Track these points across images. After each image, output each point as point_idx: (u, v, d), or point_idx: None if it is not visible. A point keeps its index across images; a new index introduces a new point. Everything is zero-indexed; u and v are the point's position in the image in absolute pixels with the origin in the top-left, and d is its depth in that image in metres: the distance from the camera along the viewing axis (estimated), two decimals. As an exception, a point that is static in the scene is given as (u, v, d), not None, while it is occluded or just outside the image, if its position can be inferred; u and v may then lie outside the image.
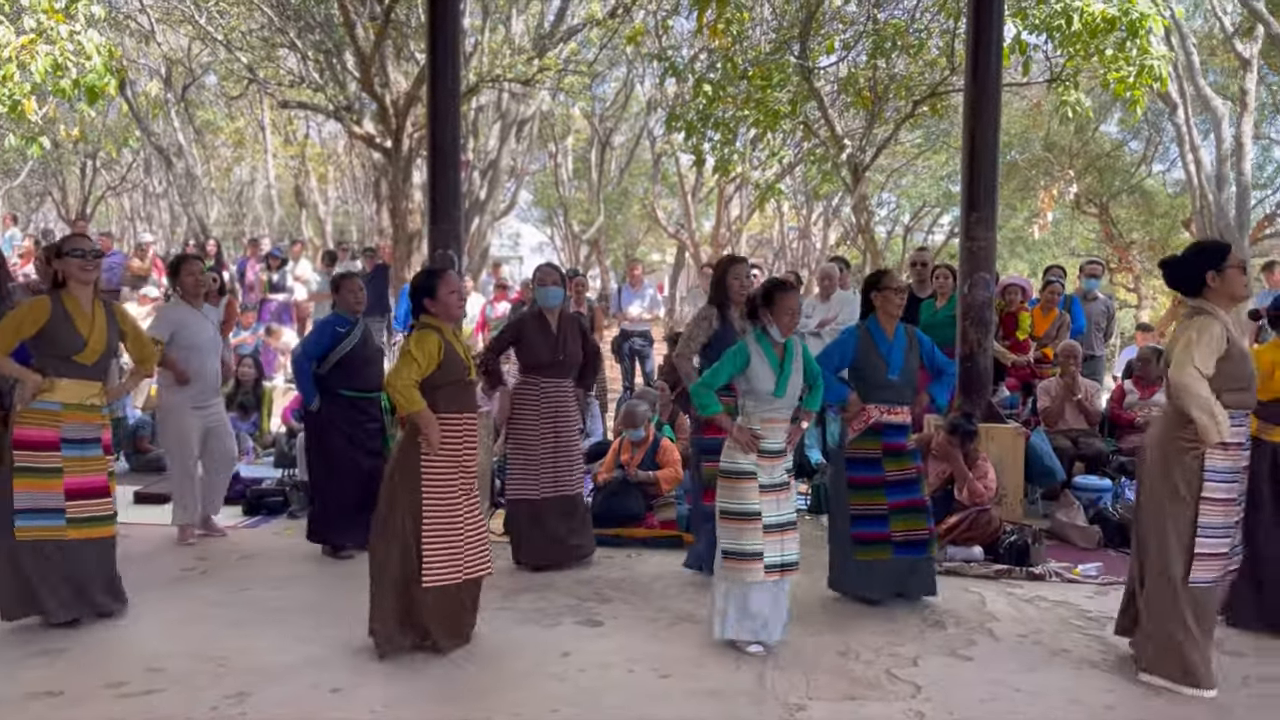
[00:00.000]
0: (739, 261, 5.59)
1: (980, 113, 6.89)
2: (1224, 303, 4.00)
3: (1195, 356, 3.87)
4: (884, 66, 11.99)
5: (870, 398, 5.07)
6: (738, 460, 4.44)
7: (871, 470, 5.08)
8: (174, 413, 6.17)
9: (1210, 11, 16.95)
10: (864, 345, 5.10)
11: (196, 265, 6.31)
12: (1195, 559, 3.95)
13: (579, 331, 5.91)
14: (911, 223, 27.17)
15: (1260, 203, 20.85)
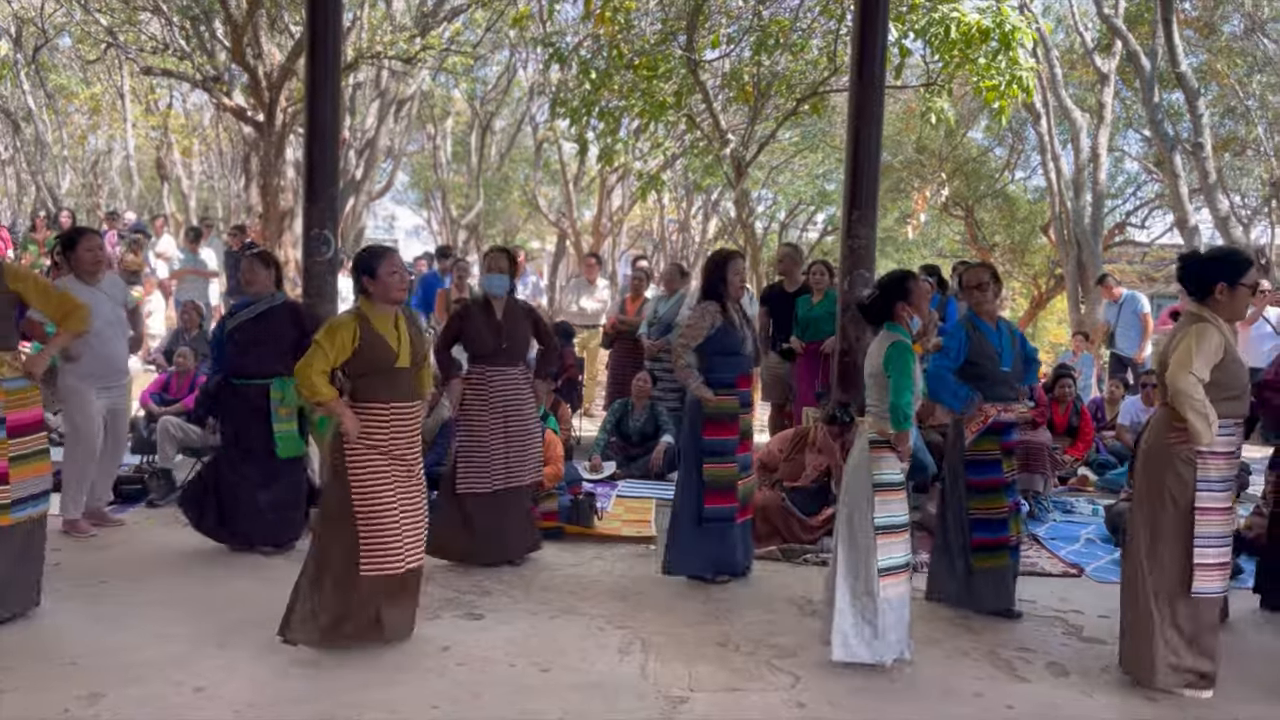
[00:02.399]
0: (736, 256, 5.48)
1: (864, 112, 7.02)
2: (1225, 316, 3.98)
3: (1194, 362, 3.87)
4: (767, 63, 12.13)
5: (988, 395, 4.87)
6: (897, 470, 4.23)
7: (992, 472, 4.89)
8: (77, 395, 5.71)
9: (1072, 27, 17.80)
10: (976, 339, 4.89)
11: (95, 240, 5.80)
12: (1196, 569, 3.93)
13: (528, 319, 5.66)
14: (787, 219, 27.69)
15: (1112, 211, 22.03)
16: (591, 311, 10.49)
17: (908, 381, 4.16)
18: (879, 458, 4.21)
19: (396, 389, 4.26)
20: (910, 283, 4.38)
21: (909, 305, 4.34)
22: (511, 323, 5.57)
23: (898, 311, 4.35)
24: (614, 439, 8.26)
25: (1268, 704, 4.01)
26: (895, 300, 4.35)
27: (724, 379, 5.29)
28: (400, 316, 4.32)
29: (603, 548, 6.04)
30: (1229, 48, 17.32)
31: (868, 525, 4.17)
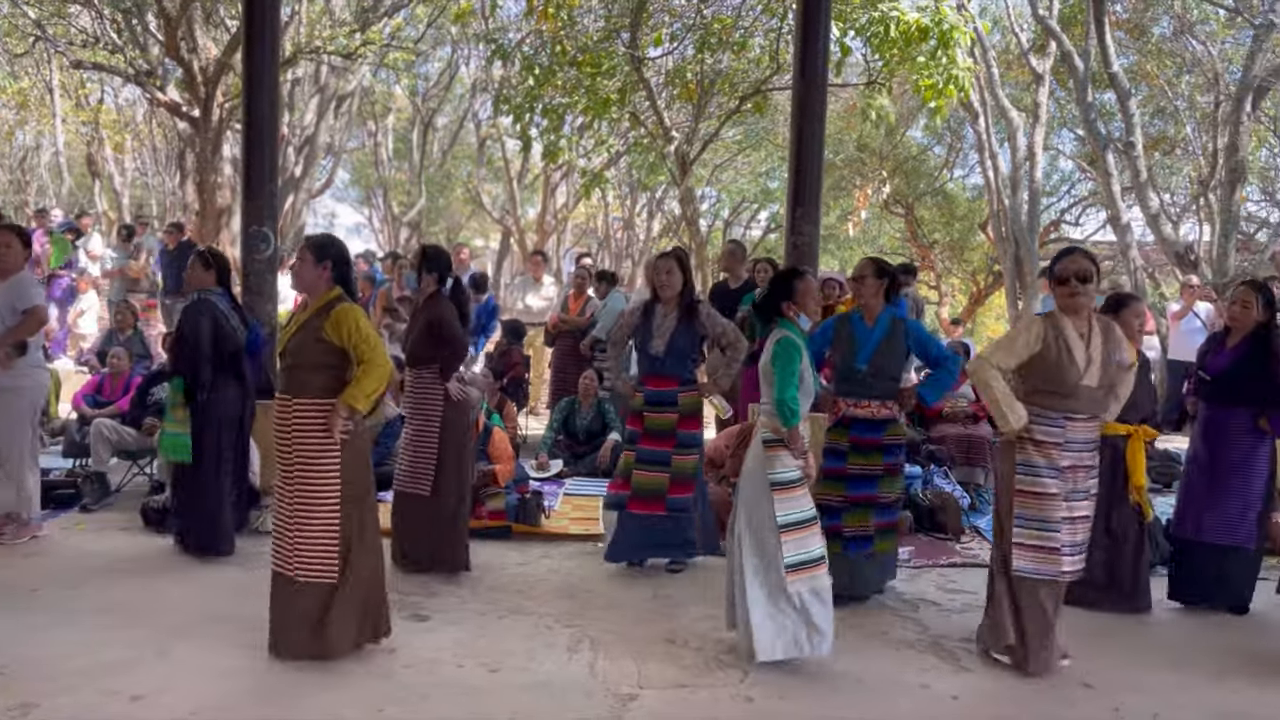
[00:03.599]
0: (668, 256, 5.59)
1: (807, 110, 7.08)
2: (1063, 310, 4.11)
3: (995, 354, 4.10)
4: (710, 61, 12.18)
5: (840, 391, 5.00)
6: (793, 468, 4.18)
7: (835, 461, 5.01)
8: None
9: (1008, 28, 18.11)
10: (842, 335, 5.02)
11: (7, 235, 5.62)
12: (1013, 547, 4.14)
13: (423, 318, 5.42)
14: (731, 217, 27.83)
15: (1048, 208, 22.46)
16: (538, 309, 10.46)
17: (792, 378, 4.15)
18: (774, 456, 4.16)
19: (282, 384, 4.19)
20: (796, 281, 4.41)
21: (793, 304, 4.37)
22: (414, 323, 5.48)
23: (784, 310, 4.37)
24: (561, 437, 8.23)
25: (1163, 690, 4.13)
26: (781, 299, 4.39)
27: (638, 374, 5.57)
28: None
29: (550, 546, 6.01)
30: (1159, 49, 17.75)
31: (772, 525, 4.11)
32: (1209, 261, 13.55)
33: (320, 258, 4.14)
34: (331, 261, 4.15)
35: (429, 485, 5.30)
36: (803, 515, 4.15)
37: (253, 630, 4.23)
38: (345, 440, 4.01)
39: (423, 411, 5.35)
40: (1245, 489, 4.98)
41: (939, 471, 7.09)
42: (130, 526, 6.10)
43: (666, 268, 5.45)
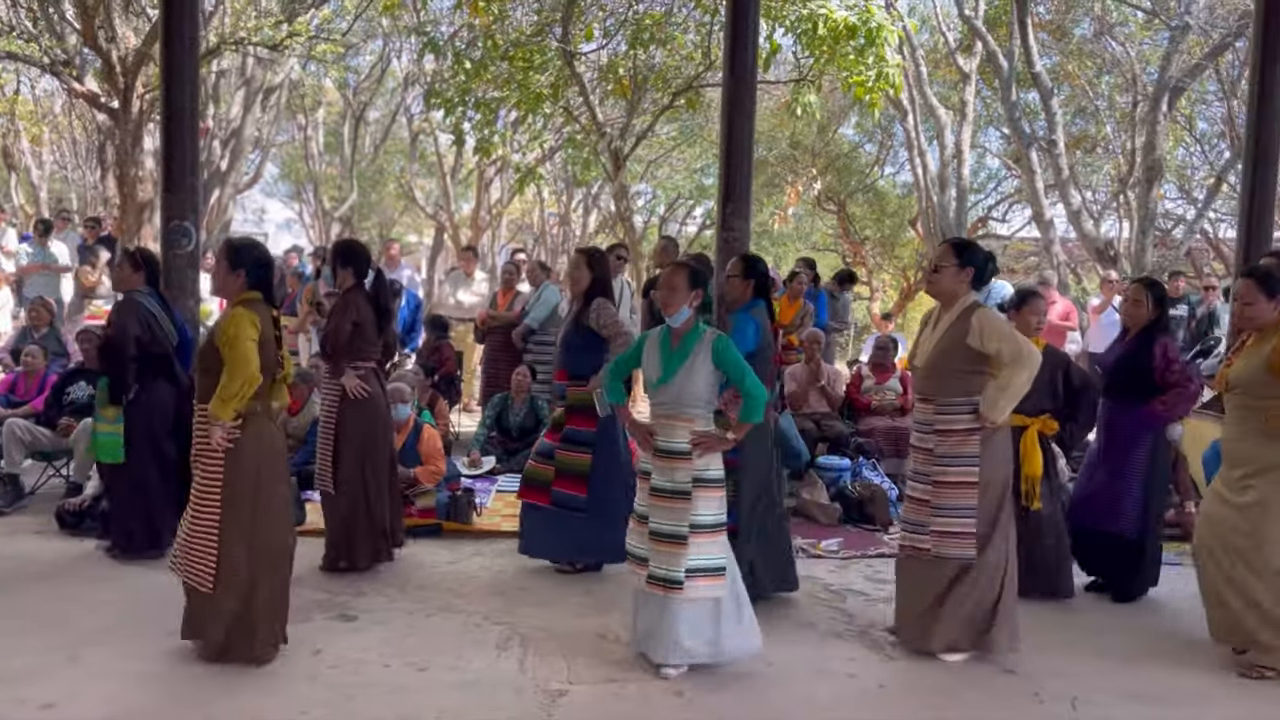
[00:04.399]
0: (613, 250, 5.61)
1: (737, 107, 7.11)
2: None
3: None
4: (643, 57, 12.18)
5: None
6: (718, 466, 4.11)
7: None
8: None
9: (936, 27, 18.42)
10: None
11: None
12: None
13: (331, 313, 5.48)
14: (667, 213, 27.89)
15: (975, 205, 22.90)
16: (469, 305, 10.37)
17: (622, 357, 4.20)
18: (718, 450, 4.07)
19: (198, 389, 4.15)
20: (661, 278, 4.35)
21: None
22: (330, 319, 5.45)
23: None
24: (494, 434, 8.17)
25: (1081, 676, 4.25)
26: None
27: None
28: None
29: (482, 544, 5.97)
30: (1080, 50, 18.19)
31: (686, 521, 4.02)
32: (1128, 257, 13.94)
33: (235, 264, 4.07)
34: (246, 268, 4.08)
35: (331, 482, 5.31)
36: (715, 520, 4.05)
37: (174, 634, 4.13)
38: (230, 447, 3.92)
39: (327, 408, 5.37)
40: (1130, 479, 5.06)
41: (867, 464, 7.19)
42: (45, 530, 5.92)
43: (576, 263, 5.51)
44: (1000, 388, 4.13)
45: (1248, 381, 4.18)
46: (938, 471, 4.25)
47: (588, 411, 5.28)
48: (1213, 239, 19.12)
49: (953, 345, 4.20)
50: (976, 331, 4.14)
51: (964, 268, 4.25)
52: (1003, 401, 4.14)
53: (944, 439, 4.23)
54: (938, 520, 4.25)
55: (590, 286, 5.37)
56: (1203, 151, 19.89)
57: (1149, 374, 5.02)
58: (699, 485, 4.01)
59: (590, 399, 5.25)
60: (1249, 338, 4.29)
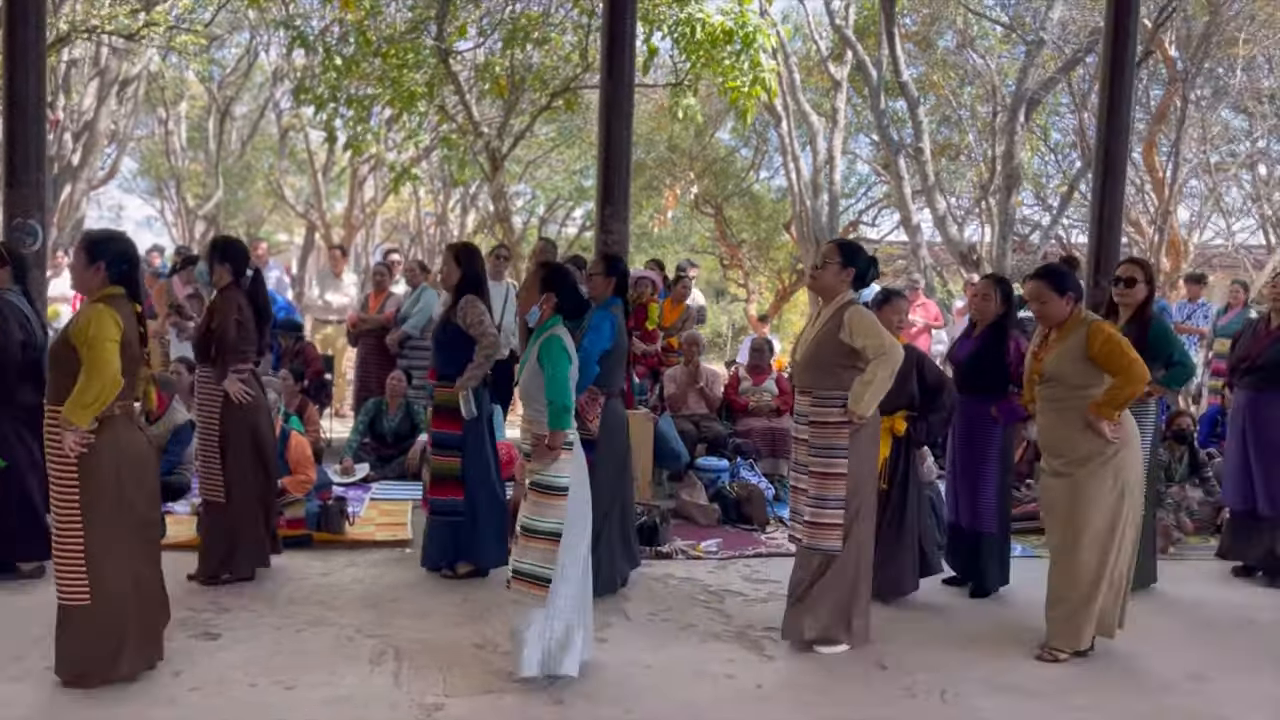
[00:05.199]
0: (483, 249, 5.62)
1: (615, 109, 7.11)
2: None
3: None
4: (520, 57, 12.07)
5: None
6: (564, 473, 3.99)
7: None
8: None
9: (808, 35, 18.84)
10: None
11: None
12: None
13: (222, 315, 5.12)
14: (546, 214, 27.76)
15: (847, 210, 23.51)
16: (338, 306, 10.07)
17: (567, 379, 4.04)
18: (551, 458, 3.96)
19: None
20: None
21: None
22: (206, 319, 5.22)
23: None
24: (367, 440, 7.96)
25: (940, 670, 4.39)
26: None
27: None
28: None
29: (355, 554, 5.79)
30: (944, 61, 18.88)
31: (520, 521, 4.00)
32: (990, 261, 14.51)
33: (92, 258, 3.82)
34: (106, 261, 3.83)
35: (223, 492, 5.08)
36: (549, 528, 3.92)
37: (30, 657, 3.87)
38: (84, 454, 3.69)
39: (207, 413, 5.12)
40: (986, 474, 5.23)
41: (745, 464, 7.28)
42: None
43: (445, 259, 5.42)
44: (865, 383, 4.26)
45: (1060, 373, 4.37)
46: (814, 462, 4.38)
47: (453, 413, 5.18)
48: (1066, 244, 20.07)
49: (827, 339, 4.35)
50: (847, 326, 4.28)
51: (846, 267, 4.40)
52: (867, 396, 4.26)
53: (819, 431, 4.36)
54: (810, 510, 4.38)
55: (460, 283, 5.27)
56: (1056, 161, 20.89)
57: (1003, 369, 5.20)
58: (535, 489, 3.97)
59: (453, 400, 5.16)
60: (1051, 332, 4.50)
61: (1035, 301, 4.46)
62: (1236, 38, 16.24)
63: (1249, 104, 17.74)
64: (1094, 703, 4.01)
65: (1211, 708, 4.01)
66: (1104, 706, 3.98)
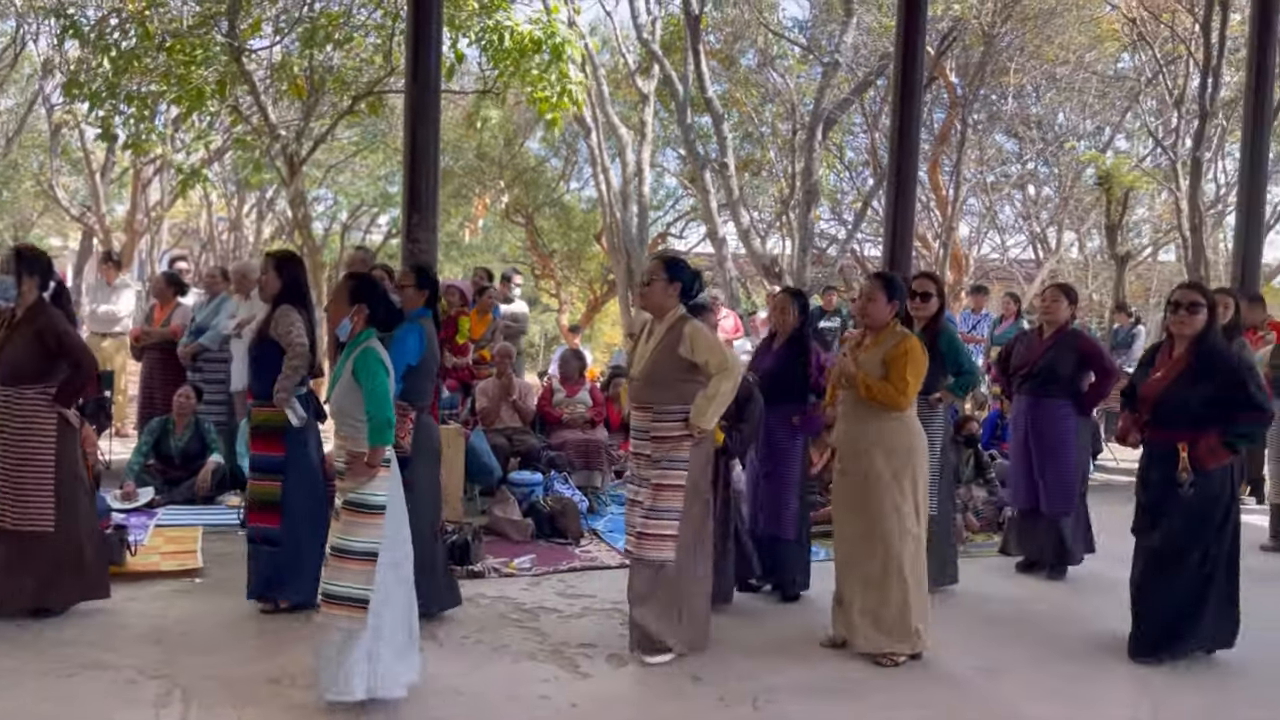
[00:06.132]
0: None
1: (421, 115, 6.91)
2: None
3: None
4: (320, 57, 11.59)
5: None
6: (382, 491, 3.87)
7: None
8: None
9: (616, 48, 19.05)
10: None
11: None
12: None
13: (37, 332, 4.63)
14: (349, 221, 26.87)
15: (655, 221, 23.90)
16: (113, 317, 9.33)
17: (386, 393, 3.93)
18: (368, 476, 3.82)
19: None
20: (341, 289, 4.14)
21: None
22: (12, 335, 4.67)
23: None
24: (152, 461, 7.39)
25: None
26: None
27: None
28: None
29: (137, 587, 5.32)
30: (746, 79, 19.52)
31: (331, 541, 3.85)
32: (791, 273, 15.05)
33: None
34: None
35: (50, 521, 4.64)
36: (363, 547, 3.77)
37: None
38: None
39: (29, 437, 4.63)
40: (788, 482, 5.39)
41: (559, 477, 7.21)
42: None
43: (264, 268, 5.08)
44: (708, 397, 4.32)
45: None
46: (655, 475, 4.41)
47: (273, 434, 4.87)
48: (860, 258, 21.13)
49: (665, 355, 4.39)
50: (687, 342, 4.34)
51: (672, 281, 4.45)
52: (710, 409, 4.34)
53: (660, 444, 4.41)
54: (643, 522, 4.41)
55: (280, 294, 4.95)
56: (851, 178, 21.99)
57: (803, 380, 5.36)
58: (349, 508, 3.81)
59: (277, 419, 4.84)
60: (864, 336, 4.69)
61: (865, 298, 4.65)
62: (1008, 67, 17.56)
63: (1019, 129, 19.22)
64: (895, 700, 4.16)
65: (1004, 700, 4.23)
66: (905, 703, 4.14)
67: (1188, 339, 4.56)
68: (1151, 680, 4.45)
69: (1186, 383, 4.50)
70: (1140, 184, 16.64)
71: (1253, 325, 8.23)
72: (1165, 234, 20.06)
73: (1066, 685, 4.39)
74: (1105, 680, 4.47)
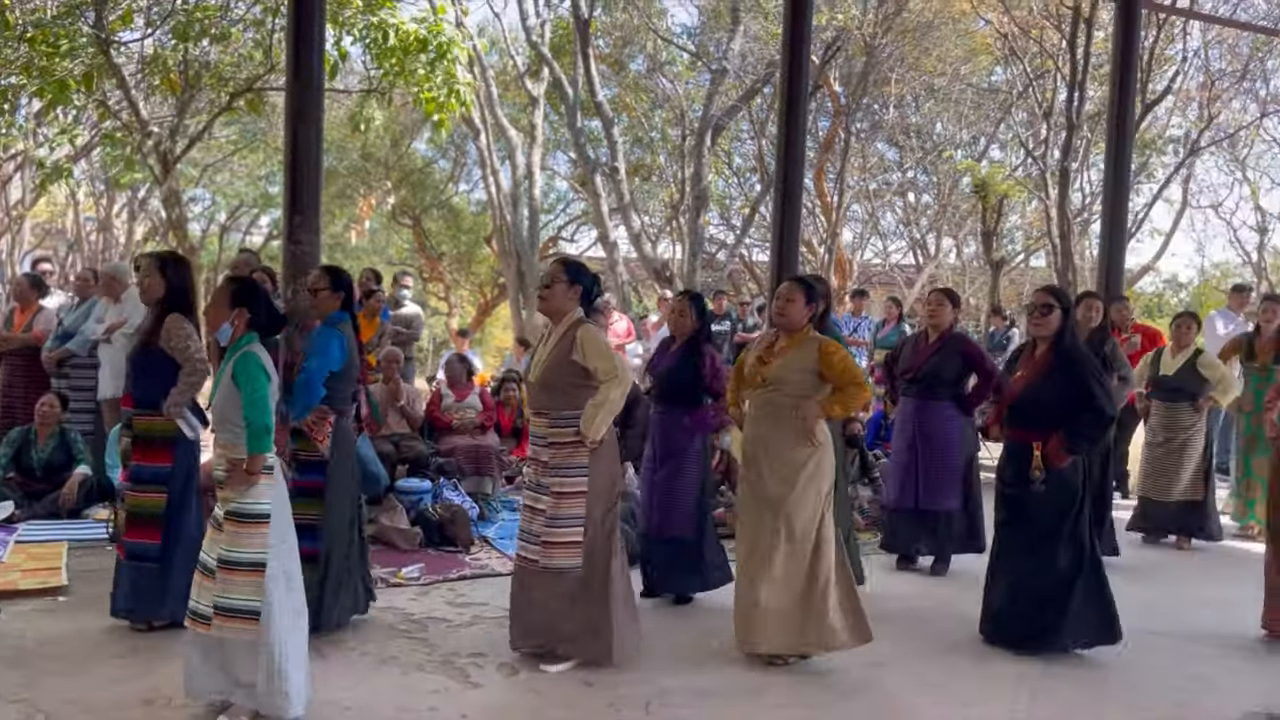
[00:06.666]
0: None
1: (302, 114, 6.69)
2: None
3: None
4: (195, 52, 11.17)
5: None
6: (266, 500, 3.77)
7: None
8: None
9: (505, 50, 18.91)
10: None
11: None
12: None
13: None
14: (229, 222, 25.98)
15: (547, 225, 23.83)
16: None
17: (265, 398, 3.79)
18: (248, 484, 3.71)
19: None
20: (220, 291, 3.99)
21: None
22: None
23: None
24: (12, 475, 6.97)
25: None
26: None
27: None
28: None
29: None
30: (636, 84, 19.62)
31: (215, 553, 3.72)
32: (681, 277, 15.18)
33: None
34: None
35: None
36: (250, 558, 3.66)
37: None
38: None
39: None
40: (686, 484, 5.41)
41: (448, 484, 7.09)
42: None
43: (147, 269, 4.79)
44: (597, 404, 4.28)
45: (785, 380, 4.57)
46: (554, 483, 4.35)
47: (160, 444, 4.63)
48: (749, 262, 21.47)
49: (560, 360, 4.34)
50: (580, 347, 4.30)
51: (573, 285, 4.41)
52: (599, 418, 4.28)
53: (557, 451, 4.35)
54: (548, 531, 4.34)
55: (165, 298, 4.70)
56: (739, 184, 22.31)
57: (699, 382, 5.39)
58: (232, 519, 3.68)
59: (164, 428, 4.60)
60: (778, 340, 4.72)
61: (783, 299, 4.62)
62: (889, 78, 18.09)
63: (900, 138, 19.82)
64: (788, 700, 4.21)
65: (890, 695, 4.32)
66: (795, 702, 4.18)
67: (1047, 340, 4.76)
68: (1030, 672, 4.61)
69: (1043, 383, 4.70)
70: (1013, 192, 17.35)
71: (1120, 326, 8.66)
72: (1036, 240, 20.95)
73: (949, 679, 4.51)
74: (986, 673, 4.61)
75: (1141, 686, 4.50)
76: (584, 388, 4.34)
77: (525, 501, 4.51)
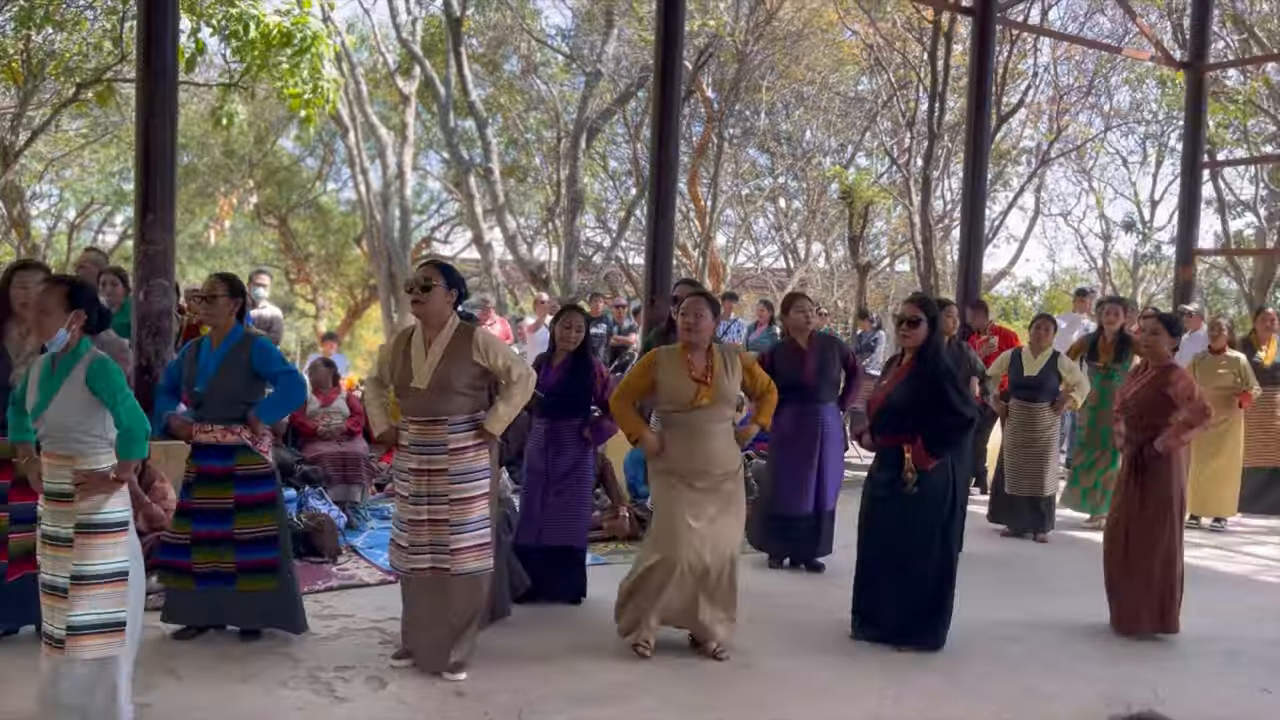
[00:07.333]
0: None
1: (155, 107, 6.40)
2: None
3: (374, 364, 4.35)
4: (39, 39, 10.55)
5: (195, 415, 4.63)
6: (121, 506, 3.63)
7: (183, 495, 4.65)
8: None
9: (375, 47, 18.50)
10: (189, 355, 4.70)
11: None
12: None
13: None
14: (78, 220, 24.63)
15: (419, 226, 23.41)
16: None
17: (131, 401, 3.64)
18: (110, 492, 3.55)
19: None
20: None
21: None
22: None
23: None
24: None
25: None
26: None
27: None
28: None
29: None
30: (510, 85, 19.47)
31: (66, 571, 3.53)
32: (558, 280, 15.13)
33: None
34: None
35: None
36: (110, 568, 3.51)
37: None
38: None
39: None
40: (583, 493, 5.50)
41: (314, 492, 6.86)
42: None
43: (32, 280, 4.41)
44: (508, 402, 4.33)
45: (729, 395, 4.73)
46: (457, 490, 4.29)
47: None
48: (625, 265, 21.56)
49: (458, 364, 4.26)
50: (481, 348, 4.28)
51: (451, 288, 4.34)
52: (505, 414, 4.34)
53: (457, 457, 4.29)
54: (456, 538, 4.29)
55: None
56: (615, 187, 22.38)
57: (588, 391, 5.42)
58: (84, 531, 3.49)
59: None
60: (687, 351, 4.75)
61: (691, 314, 4.71)
62: (761, 84, 18.44)
63: (771, 144, 20.23)
64: (661, 702, 4.21)
65: (757, 692, 4.38)
66: (667, 704, 4.19)
67: (914, 350, 4.94)
68: (895, 664, 4.74)
69: (907, 390, 4.90)
70: (879, 199, 17.92)
71: (977, 329, 9.03)
72: (900, 246, 21.70)
73: (818, 673, 4.60)
74: (855, 666, 4.72)
75: (996, 675, 4.69)
76: (480, 390, 4.37)
77: (411, 515, 4.32)
